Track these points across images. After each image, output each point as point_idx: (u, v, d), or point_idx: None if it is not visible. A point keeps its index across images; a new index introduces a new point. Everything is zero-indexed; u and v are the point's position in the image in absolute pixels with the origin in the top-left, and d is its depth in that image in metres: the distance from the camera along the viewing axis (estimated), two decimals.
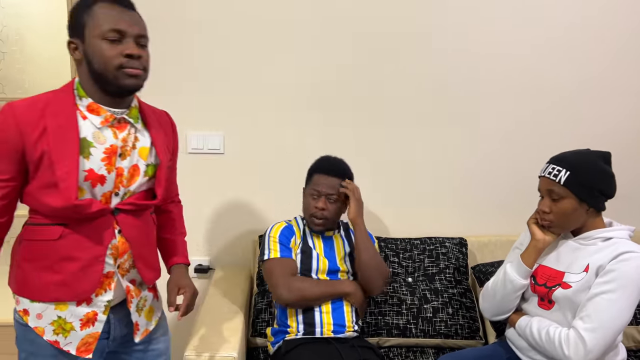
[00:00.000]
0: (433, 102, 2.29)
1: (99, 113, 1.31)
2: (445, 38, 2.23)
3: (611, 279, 1.48)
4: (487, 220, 2.35)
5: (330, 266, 1.91)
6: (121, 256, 1.38)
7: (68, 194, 1.25)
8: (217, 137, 2.27)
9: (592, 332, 1.46)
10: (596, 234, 1.57)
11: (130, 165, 1.36)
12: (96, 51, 1.26)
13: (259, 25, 2.19)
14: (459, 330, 2.02)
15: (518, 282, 1.64)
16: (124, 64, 1.26)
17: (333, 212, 1.89)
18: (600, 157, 1.58)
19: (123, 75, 1.27)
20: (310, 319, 1.83)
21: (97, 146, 1.30)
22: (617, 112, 2.35)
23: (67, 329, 1.35)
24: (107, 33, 1.25)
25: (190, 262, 1.66)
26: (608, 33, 2.27)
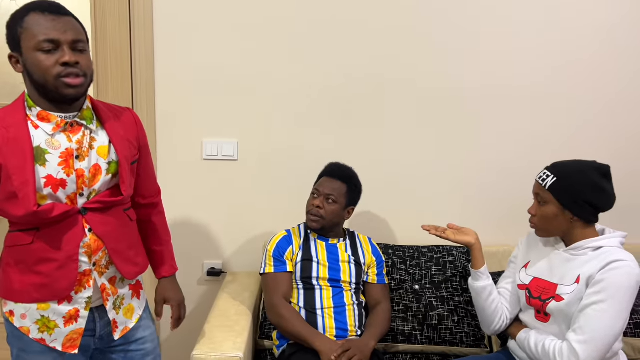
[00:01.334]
0: (448, 113, 2.32)
1: (50, 120, 1.33)
2: (450, 43, 2.27)
3: (601, 289, 1.48)
4: (495, 230, 2.36)
5: (332, 275, 1.94)
6: (95, 253, 1.41)
7: (27, 203, 1.29)
8: (231, 145, 2.33)
9: (585, 344, 1.47)
10: (586, 244, 1.58)
11: (90, 166, 1.38)
12: (34, 63, 1.27)
13: (273, 34, 2.25)
14: (464, 338, 2.04)
15: (474, 286, 1.76)
16: (61, 73, 1.27)
17: (330, 212, 1.94)
18: (596, 169, 1.57)
19: (63, 85, 1.28)
20: (313, 323, 1.87)
21: (52, 152, 1.33)
22: (622, 122, 2.35)
23: (52, 326, 1.40)
24: (41, 44, 1.25)
25: (178, 268, 1.72)
26: (609, 45, 2.29)
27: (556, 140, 2.35)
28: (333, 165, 2.05)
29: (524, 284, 1.69)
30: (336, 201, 1.95)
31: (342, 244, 2.03)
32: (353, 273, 1.97)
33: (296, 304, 1.92)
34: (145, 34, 2.24)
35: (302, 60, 2.28)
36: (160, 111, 2.30)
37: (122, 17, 2.24)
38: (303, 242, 2.00)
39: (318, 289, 1.93)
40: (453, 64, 2.28)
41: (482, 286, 1.74)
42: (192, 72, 2.28)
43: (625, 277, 1.48)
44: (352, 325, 1.90)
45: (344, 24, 2.24)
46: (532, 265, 1.71)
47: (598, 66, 2.30)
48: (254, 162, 2.36)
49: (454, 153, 2.36)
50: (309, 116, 2.32)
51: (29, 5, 1.29)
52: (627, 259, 1.50)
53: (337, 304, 1.91)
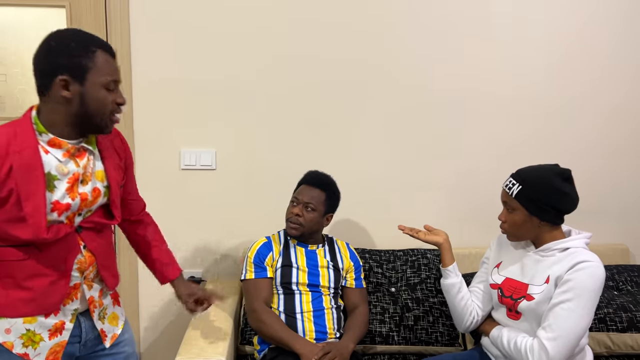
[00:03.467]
0: (415, 118, 2.40)
1: (61, 146, 1.34)
2: (430, 52, 2.36)
3: (568, 288, 1.56)
4: (467, 233, 2.45)
5: (311, 280, 1.99)
6: (87, 269, 1.43)
7: (37, 229, 1.29)
8: (209, 154, 2.37)
9: (554, 341, 1.54)
10: (554, 246, 1.65)
11: (92, 189, 1.41)
12: (98, 97, 1.33)
13: (249, 45, 2.31)
14: (439, 337, 2.11)
15: (443, 283, 1.85)
16: (115, 110, 1.37)
17: (309, 220, 1.98)
18: (558, 174, 1.65)
19: (110, 121, 1.38)
20: (292, 326, 1.91)
21: (61, 178, 1.34)
22: (594, 127, 2.48)
23: (37, 340, 1.38)
24: (109, 84, 1.34)
25: (181, 269, 1.76)
26: (588, 56, 2.42)
27: (522, 145, 2.46)
28: (312, 173, 2.09)
29: (496, 284, 1.76)
30: (315, 209, 1.99)
31: (321, 249, 2.07)
32: (331, 278, 2.02)
33: (276, 308, 1.96)
34: (122, 43, 2.27)
35: (278, 69, 2.33)
36: (137, 121, 2.33)
37: (99, 28, 2.26)
38: (283, 248, 2.04)
39: (297, 294, 1.97)
40: (430, 70, 2.37)
41: (451, 283, 1.82)
42: (169, 82, 2.31)
43: (591, 277, 1.56)
44: (330, 328, 1.95)
45: (320, 31, 2.32)
46: (504, 265, 1.78)
47: (568, 72, 2.43)
48: (232, 171, 2.39)
49: (427, 160, 2.44)
50: (286, 125, 2.38)
51: (95, 42, 1.33)
52: (593, 260, 1.58)
53: (316, 308, 1.96)
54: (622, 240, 2.55)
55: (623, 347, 2.07)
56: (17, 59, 2.32)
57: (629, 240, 2.55)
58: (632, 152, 2.51)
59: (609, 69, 2.44)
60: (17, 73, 2.33)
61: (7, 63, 2.32)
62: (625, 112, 2.48)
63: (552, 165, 1.70)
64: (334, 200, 2.08)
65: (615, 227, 2.55)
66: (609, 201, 2.53)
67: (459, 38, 2.36)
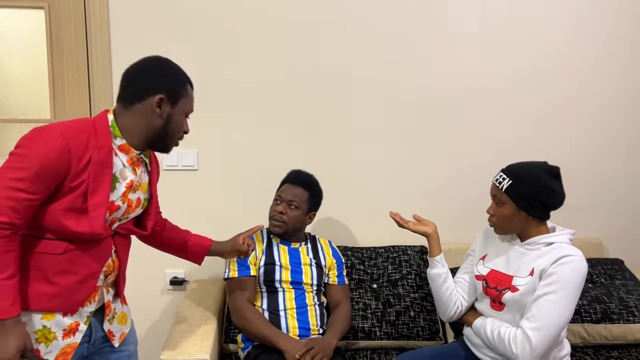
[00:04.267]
0: (400, 117, 2.44)
1: (128, 153, 1.46)
2: (421, 54, 2.41)
3: (552, 281, 1.61)
4: (447, 229, 2.47)
5: (294, 278, 2.01)
6: (111, 273, 1.51)
7: (96, 223, 1.37)
8: (191, 155, 2.38)
9: (537, 331, 1.59)
10: (539, 240, 1.71)
11: (136, 198, 1.51)
12: (178, 122, 1.50)
13: (232, 44, 2.33)
14: (420, 332, 2.15)
15: (429, 273, 1.89)
16: (182, 136, 1.54)
17: (292, 218, 2.02)
18: (547, 171, 1.71)
19: (174, 145, 1.54)
20: (276, 323, 1.94)
21: (121, 181, 1.44)
22: (580, 128, 2.54)
23: (50, 338, 1.40)
24: (188, 112, 1.53)
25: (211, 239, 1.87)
26: (575, 59, 2.49)
27: (505, 143, 2.51)
28: (295, 172, 2.13)
29: (481, 275, 1.81)
30: (298, 207, 2.02)
31: (304, 247, 2.10)
32: (314, 275, 2.04)
33: (260, 306, 1.98)
34: (102, 45, 2.27)
35: (261, 69, 2.35)
36: None
37: (78, 30, 2.26)
38: (266, 246, 2.06)
39: (281, 292, 1.99)
40: (419, 71, 2.42)
41: (437, 273, 1.86)
42: None
43: (574, 271, 1.62)
44: (314, 325, 1.97)
45: (305, 28, 2.34)
46: (490, 258, 1.84)
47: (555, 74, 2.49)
48: (214, 171, 2.41)
49: (410, 158, 2.48)
50: (269, 125, 2.40)
51: (187, 76, 1.53)
52: (576, 254, 1.64)
53: (299, 305, 1.98)
54: (597, 235, 2.63)
55: (597, 337, 2.13)
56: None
57: (603, 234, 2.63)
58: (610, 152, 2.58)
59: (597, 69, 2.50)
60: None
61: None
62: (611, 113, 2.55)
63: (542, 162, 1.75)
64: (317, 199, 2.11)
65: (590, 222, 2.62)
66: (586, 198, 2.60)
67: (453, 41, 2.41)
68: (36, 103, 2.36)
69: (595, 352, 2.13)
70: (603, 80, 2.52)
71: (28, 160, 1.29)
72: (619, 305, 2.14)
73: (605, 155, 2.59)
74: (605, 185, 2.61)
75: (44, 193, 1.32)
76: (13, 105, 2.35)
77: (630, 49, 2.51)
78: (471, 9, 2.41)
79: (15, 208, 1.28)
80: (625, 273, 2.35)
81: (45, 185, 1.31)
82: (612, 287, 2.24)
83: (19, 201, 1.28)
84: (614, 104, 2.55)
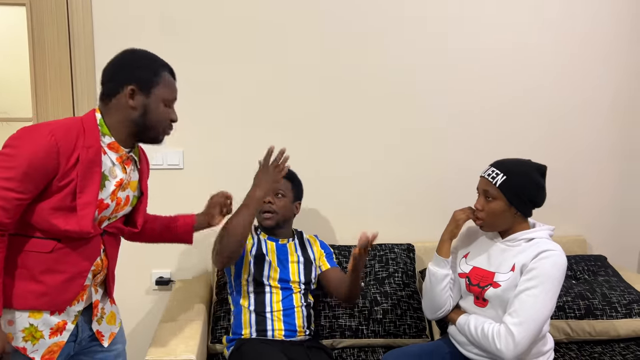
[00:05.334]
0: (381, 114, 2.45)
1: (117, 151, 1.46)
2: (412, 49, 2.42)
3: (532, 276, 1.63)
4: (433, 226, 2.50)
5: (282, 275, 2.01)
6: (99, 272, 1.50)
7: (84, 222, 1.37)
8: (176, 154, 2.36)
9: (520, 326, 1.61)
10: (520, 236, 1.73)
11: (126, 196, 1.51)
12: (157, 111, 1.47)
13: (218, 42, 2.31)
14: (407, 330, 2.16)
15: (439, 273, 1.81)
16: (169, 126, 1.51)
17: (281, 207, 2.04)
18: (536, 169, 1.74)
19: (163, 134, 1.51)
20: (262, 324, 1.93)
21: (111, 180, 1.44)
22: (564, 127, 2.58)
23: (37, 337, 1.40)
24: (170, 101, 1.50)
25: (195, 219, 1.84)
26: (552, 54, 2.51)
27: (484, 145, 2.53)
28: None
29: (464, 273, 1.82)
30: (285, 195, 2.05)
31: (292, 243, 2.11)
32: (301, 272, 2.04)
33: (247, 307, 1.97)
34: (85, 42, 2.24)
35: (245, 68, 2.35)
36: None
37: (61, 27, 2.23)
38: (256, 242, 2.06)
39: (268, 292, 1.98)
40: (405, 69, 2.43)
41: (444, 274, 1.82)
42: None
43: (554, 265, 1.64)
44: (300, 326, 1.97)
45: (289, 26, 2.34)
46: (472, 255, 1.85)
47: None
48: (199, 170, 2.39)
49: (394, 158, 2.49)
50: (254, 123, 2.39)
51: (164, 63, 1.50)
52: (555, 249, 1.66)
53: (285, 307, 1.98)
54: (580, 232, 2.66)
55: (581, 333, 2.16)
56: None
57: (587, 232, 2.67)
58: (594, 151, 2.62)
59: (584, 73, 2.54)
60: None
61: None
62: (593, 113, 2.59)
63: (528, 160, 1.77)
64: (300, 188, 2.14)
65: (574, 220, 2.65)
66: (570, 196, 2.64)
67: (446, 35, 2.43)
68: (18, 102, 2.33)
69: (579, 348, 2.15)
70: (583, 80, 2.55)
71: (16, 159, 1.29)
72: (602, 301, 2.17)
73: (589, 154, 2.62)
74: (588, 184, 2.64)
75: (33, 192, 1.32)
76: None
77: (626, 51, 2.55)
78: (471, 9, 2.42)
79: (5, 207, 1.28)
80: (608, 269, 2.39)
81: (34, 185, 1.31)
82: (596, 284, 2.27)
83: (8, 200, 1.28)
84: (597, 102, 2.58)
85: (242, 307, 1.98)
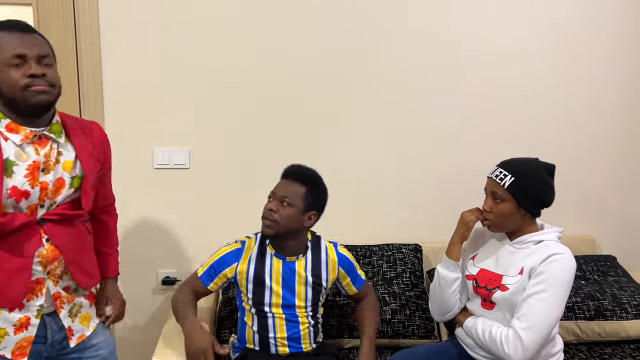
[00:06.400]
0: (389, 115, 2.44)
1: (18, 131, 1.35)
2: (424, 51, 2.41)
3: (541, 280, 1.61)
4: (440, 227, 2.49)
5: (286, 301, 1.80)
6: (51, 263, 1.42)
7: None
8: (182, 153, 2.35)
9: (528, 330, 1.59)
10: (528, 238, 1.71)
11: (54, 179, 1.41)
12: (3, 77, 1.32)
13: (223, 42, 2.30)
14: (416, 330, 2.14)
15: (449, 277, 1.79)
16: (29, 83, 1.32)
17: (284, 217, 1.75)
18: (544, 168, 1.71)
19: (30, 94, 1.32)
20: (265, 346, 1.82)
21: (20, 164, 1.35)
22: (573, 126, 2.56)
23: (1, 334, 1.39)
24: (9, 60, 1.31)
25: (119, 273, 1.73)
26: (562, 54, 2.49)
27: (491, 144, 2.52)
28: (293, 166, 1.87)
29: (471, 275, 1.80)
30: (292, 204, 1.76)
31: (301, 260, 1.84)
32: (309, 296, 1.83)
33: (250, 326, 1.84)
34: (92, 41, 2.24)
35: (254, 67, 2.33)
36: (109, 121, 2.30)
37: (67, 27, 2.23)
38: (258, 256, 1.84)
39: (270, 318, 1.82)
40: (415, 71, 2.41)
41: (455, 277, 1.79)
42: (141, 80, 2.29)
43: (563, 269, 1.62)
44: (306, 344, 1.85)
45: (296, 23, 2.33)
46: (479, 258, 1.83)
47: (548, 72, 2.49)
48: (205, 170, 2.39)
49: (401, 159, 2.48)
50: (261, 123, 2.38)
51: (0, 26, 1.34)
52: (564, 252, 1.64)
53: (291, 334, 1.82)
54: (590, 232, 2.64)
55: (591, 334, 2.14)
56: None
57: (596, 232, 2.64)
58: (604, 150, 2.60)
59: (591, 71, 2.52)
60: None
61: None
62: (601, 112, 2.57)
63: (536, 159, 1.75)
64: (317, 196, 1.83)
65: (583, 220, 2.63)
66: (579, 196, 2.62)
67: (454, 35, 2.42)
68: None
69: (589, 349, 2.14)
70: (592, 79, 2.53)
71: None
72: (612, 302, 2.15)
73: (599, 154, 2.60)
74: (598, 183, 2.62)
75: None
76: None
77: (631, 52, 2.53)
78: (472, 8, 2.41)
79: None
80: (618, 270, 2.37)
81: None
82: (605, 284, 2.25)
83: None
84: (606, 103, 2.56)
85: (246, 323, 1.86)
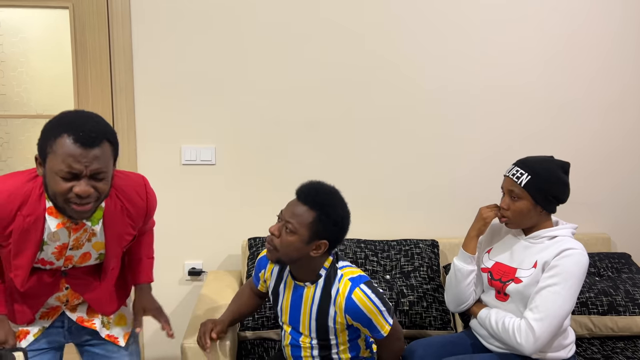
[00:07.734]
0: (408, 118, 2.50)
1: (57, 217, 1.36)
2: (429, 53, 2.46)
3: (555, 273, 1.67)
4: (457, 223, 2.56)
5: (293, 322, 1.66)
6: (71, 301, 1.55)
7: (17, 281, 1.41)
8: (209, 150, 2.45)
9: (540, 322, 1.65)
10: (543, 233, 1.77)
11: (80, 253, 1.47)
12: (50, 182, 1.28)
13: (253, 42, 2.39)
14: (432, 321, 2.21)
15: (465, 269, 1.85)
16: (72, 199, 1.28)
17: (285, 245, 1.51)
18: (560, 166, 1.77)
19: (70, 209, 1.29)
20: (280, 348, 1.84)
21: (50, 244, 1.40)
22: (590, 124, 2.59)
23: None
24: (62, 172, 1.25)
25: (153, 280, 1.76)
26: (584, 54, 2.53)
27: (508, 142, 2.56)
28: (307, 185, 1.56)
29: (486, 267, 1.87)
30: (295, 231, 1.50)
31: (310, 288, 1.60)
32: (313, 328, 1.61)
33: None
34: (124, 42, 2.34)
35: (279, 67, 2.41)
36: (139, 118, 2.40)
37: (101, 29, 2.33)
38: (279, 269, 1.72)
39: (284, 330, 1.72)
40: (428, 69, 2.47)
41: (470, 270, 1.86)
42: (171, 79, 2.38)
43: (576, 264, 1.67)
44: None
45: (322, 29, 2.40)
46: (494, 251, 1.89)
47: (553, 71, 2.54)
48: (231, 166, 2.48)
49: (421, 157, 2.54)
50: (286, 121, 2.46)
51: (64, 125, 1.25)
52: (578, 248, 1.69)
53: (295, 357, 1.69)
54: (605, 230, 2.68)
55: (603, 329, 2.19)
56: (22, 59, 2.39)
57: (611, 229, 2.68)
58: (619, 148, 2.63)
59: (608, 65, 2.54)
60: (22, 73, 2.40)
61: (12, 63, 2.39)
62: (621, 109, 2.59)
63: (551, 157, 1.80)
64: (327, 225, 1.51)
65: (598, 218, 2.66)
66: (595, 194, 2.65)
67: (456, 38, 2.47)
68: (59, 100, 2.44)
69: (602, 344, 2.18)
70: (612, 77, 2.56)
71: None
72: (625, 297, 2.20)
73: (614, 151, 2.63)
74: (613, 181, 2.65)
75: None
76: (34, 101, 2.44)
77: None
78: (474, 6, 2.45)
79: None
80: (632, 267, 2.41)
81: None
82: (619, 280, 2.29)
83: None
84: (623, 100, 2.59)
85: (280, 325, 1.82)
